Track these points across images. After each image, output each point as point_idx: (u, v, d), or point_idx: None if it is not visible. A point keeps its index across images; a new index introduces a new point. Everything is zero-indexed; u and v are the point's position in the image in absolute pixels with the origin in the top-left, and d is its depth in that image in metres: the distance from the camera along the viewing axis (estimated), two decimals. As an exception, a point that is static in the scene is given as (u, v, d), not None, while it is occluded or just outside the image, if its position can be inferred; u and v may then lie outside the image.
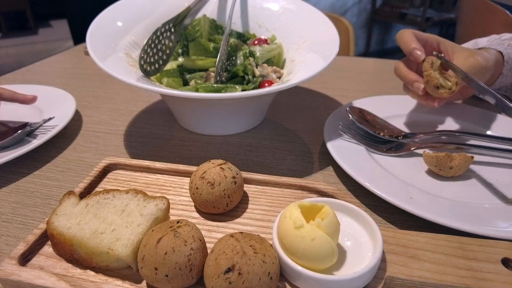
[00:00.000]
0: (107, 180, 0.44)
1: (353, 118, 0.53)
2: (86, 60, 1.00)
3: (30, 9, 4.18)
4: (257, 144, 0.57)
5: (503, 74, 0.61)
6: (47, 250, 0.34)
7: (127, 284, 0.31)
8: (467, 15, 1.20)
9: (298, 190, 0.42)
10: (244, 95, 0.46)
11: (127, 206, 0.36)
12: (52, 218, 0.35)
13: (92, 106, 0.71)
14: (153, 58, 0.58)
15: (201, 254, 0.30)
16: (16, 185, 0.48)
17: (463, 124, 0.59)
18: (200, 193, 0.37)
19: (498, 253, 0.32)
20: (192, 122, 0.60)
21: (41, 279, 0.30)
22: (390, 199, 0.39)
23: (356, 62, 1.00)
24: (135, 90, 0.78)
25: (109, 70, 0.48)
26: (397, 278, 0.30)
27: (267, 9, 0.70)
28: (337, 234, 0.31)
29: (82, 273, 0.32)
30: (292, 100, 0.73)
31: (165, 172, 0.45)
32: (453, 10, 3.07)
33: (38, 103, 0.61)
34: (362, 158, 0.48)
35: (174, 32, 0.61)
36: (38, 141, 0.52)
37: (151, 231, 0.31)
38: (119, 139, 0.59)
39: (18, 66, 0.96)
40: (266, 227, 0.37)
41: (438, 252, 0.32)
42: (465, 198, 0.42)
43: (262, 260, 0.28)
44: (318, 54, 0.57)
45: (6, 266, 0.31)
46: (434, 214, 0.37)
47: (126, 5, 0.64)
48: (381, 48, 3.52)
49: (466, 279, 0.29)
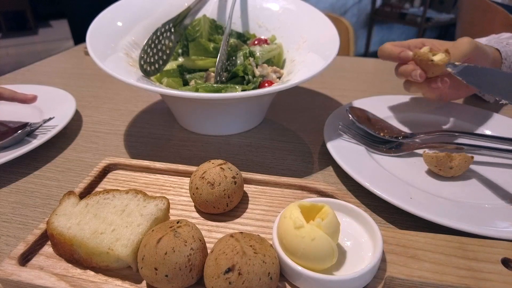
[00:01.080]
0: (107, 180, 0.44)
1: (353, 118, 0.53)
2: (86, 60, 1.00)
3: (30, 9, 4.18)
4: (257, 144, 0.57)
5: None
6: (47, 250, 0.34)
7: (127, 284, 0.31)
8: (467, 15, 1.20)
9: (298, 190, 0.42)
10: (244, 95, 0.46)
11: (127, 206, 0.36)
12: (52, 218, 0.35)
13: (92, 106, 0.71)
14: (153, 58, 0.58)
15: (201, 254, 0.30)
16: (16, 185, 0.48)
17: (463, 124, 0.59)
18: (200, 193, 0.37)
19: (498, 253, 0.31)
20: (192, 122, 0.60)
21: (41, 279, 0.30)
22: (390, 199, 0.39)
23: (356, 62, 1.00)
24: (135, 90, 0.78)
25: (109, 70, 0.48)
26: (397, 278, 0.30)
27: (267, 9, 0.70)
28: (337, 234, 0.31)
29: (82, 273, 0.32)
30: (292, 100, 0.73)
31: (165, 172, 0.45)
32: (453, 10, 3.07)
33: (38, 103, 0.61)
34: (362, 158, 0.48)
35: (174, 32, 0.61)
36: (38, 141, 0.52)
37: (151, 231, 0.31)
38: (119, 139, 0.59)
39: (18, 66, 0.96)
40: (266, 227, 0.37)
41: (438, 252, 0.32)
42: (465, 198, 0.42)
43: (262, 260, 0.28)
44: (318, 54, 0.57)
45: (6, 266, 0.31)
46: (434, 214, 0.37)
47: (126, 5, 0.64)
48: (381, 48, 3.52)
49: (466, 279, 0.29)
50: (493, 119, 0.59)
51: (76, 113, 0.67)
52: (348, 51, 1.36)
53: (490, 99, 0.70)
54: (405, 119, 0.60)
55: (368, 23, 3.34)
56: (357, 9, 3.25)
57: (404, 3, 3.19)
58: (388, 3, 3.24)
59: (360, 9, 3.27)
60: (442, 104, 0.63)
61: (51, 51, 0.96)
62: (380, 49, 0.56)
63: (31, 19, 4.25)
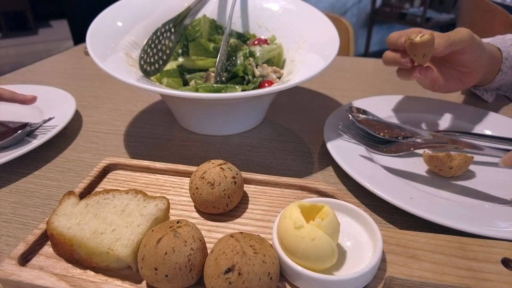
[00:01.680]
0: (107, 180, 0.44)
1: (353, 118, 0.53)
2: (86, 60, 1.00)
3: (30, 9, 4.18)
4: (257, 144, 0.57)
5: (502, 71, 0.61)
6: (47, 250, 0.34)
7: (127, 284, 0.31)
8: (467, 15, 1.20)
9: (298, 190, 0.42)
10: (244, 95, 0.46)
11: (127, 206, 0.36)
12: (52, 218, 0.35)
13: (92, 106, 0.71)
14: (153, 58, 0.58)
15: (201, 254, 0.30)
16: (16, 185, 0.48)
17: (463, 124, 0.59)
18: (200, 193, 0.37)
19: (498, 253, 0.31)
20: (192, 122, 0.60)
21: (41, 279, 0.30)
22: (390, 199, 0.39)
23: (356, 62, 1.00)
24: (135, 90, 0.78)
25: (109, 70, 0.48)
26: (397, 278, 0.30)
27: (267, 9, 0.70)
28: (337, 234, 0.31)
29: (82, 273, 0.32)
30: (292, 100, 0.73)
31: (165, 172, 0.45)
32: (453, 10, 3.07)
33: (38, 103, 0.61)
34: (362, 158, 0.48)
35: (174, 32, 0.61)
36: (38, 141, 0.52)
37: (151, 231, 0.31)
38: (119, 139, 0.59)
39: (18, 66, 0.96)
40: (266, 227, 0.37)
41: (438, 252, 0.32)
42: (465, 198, 0.42)
43: (262, 260, 0.28)
44: (318, 54, 0.57)
45: (6, 266, 0.31)
46: (434, 214, 0.37)
47: (126, 5, 0.64)
48: (381, 48, 3.52)
49: (466, 279, 0.29)
50: (493, 119, 0.59)
51: (76, 113, 0.67)
52: (348, 51, 1.36)
53: (489, 99, 0.70)
54: (405, 119, 0.60)
55: (368, 23, 3.35)
56: (357, 9, 3.25)
57: (404, 3, 3.19)
58: (388, 3, 3.24)
59: (360, 9, 3.27)
60: (442, 104, 0.63)
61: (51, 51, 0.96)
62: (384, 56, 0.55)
63: (31, 19, 4.25)
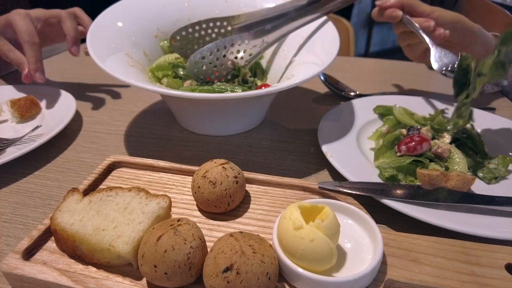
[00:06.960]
0: (111, 178, 0.45)
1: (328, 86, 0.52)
2: (86, 60, 0.99)
3: (30, 9, 4.17)
4: (257, 144, 0.57)
5: None
6: (51, 245, 0.35)
7: (128, 281, 0.31)
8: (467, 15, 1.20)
9: (300, 191, 0.42)
10: (244, 95, 0.46)
11: (129, 204, 0.36)
12: (56, 214, 0.35)
13: (92, 106, 0.71)
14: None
15: (200, 253, 0.30)
16: (16, 185, 0.48)
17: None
18: (201, 192, 0.37)
19: (502, 259, 0.31)
20: (192, 123, 0.60)
21: (44, 274, 0.31)
22: (390, 203, 0.39)
23: (356, 62, 1.00)
24: (135, 90, 0.78)
25: (109, 70, 0.48)
26: (397, 281, 0.29)
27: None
28: (337, 236, 0.31)
29: (84, 269, 0.32)
30: (292, 100, 0.73)
31: (168, 171, 0.45)
32: (453, 10, 3.06)
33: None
34: (361, 160, 0.48)
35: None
36: (38, 141, 0.52)
37: (152, 229, 0.31)
38: (119, 140, 0.59)
39: (18, 66, 0.95)
40: (267, 227, 0.37)
41: (440, 256, 0.31)
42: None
43: (261, 260, 0.28)
44: (318, 54, 0.57)
45: (10, 260, 0.32)
46: (436, 217, 0.36)
47: (126, 5, 0.64)
48: (381, 48, 3.52)
49: (468, 284, 0.29)
50: (493, 119, 0.59)
51: (76, 113, 0.67)
52: (348, 51, 1.36)
53: (489, 91, 0.73)
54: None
55: (368, 23, 3.34)
56: (357, 9, 3.25)
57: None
58: (388, 3, 3.23)
59: (360, 9, 3.26)
60: (442, 104, 0.63)
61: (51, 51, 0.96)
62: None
63: (31, 19, 4.25)
